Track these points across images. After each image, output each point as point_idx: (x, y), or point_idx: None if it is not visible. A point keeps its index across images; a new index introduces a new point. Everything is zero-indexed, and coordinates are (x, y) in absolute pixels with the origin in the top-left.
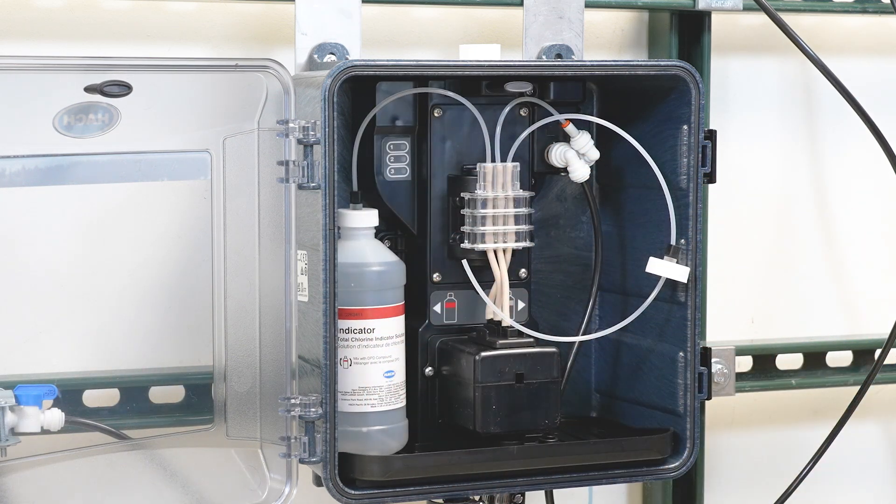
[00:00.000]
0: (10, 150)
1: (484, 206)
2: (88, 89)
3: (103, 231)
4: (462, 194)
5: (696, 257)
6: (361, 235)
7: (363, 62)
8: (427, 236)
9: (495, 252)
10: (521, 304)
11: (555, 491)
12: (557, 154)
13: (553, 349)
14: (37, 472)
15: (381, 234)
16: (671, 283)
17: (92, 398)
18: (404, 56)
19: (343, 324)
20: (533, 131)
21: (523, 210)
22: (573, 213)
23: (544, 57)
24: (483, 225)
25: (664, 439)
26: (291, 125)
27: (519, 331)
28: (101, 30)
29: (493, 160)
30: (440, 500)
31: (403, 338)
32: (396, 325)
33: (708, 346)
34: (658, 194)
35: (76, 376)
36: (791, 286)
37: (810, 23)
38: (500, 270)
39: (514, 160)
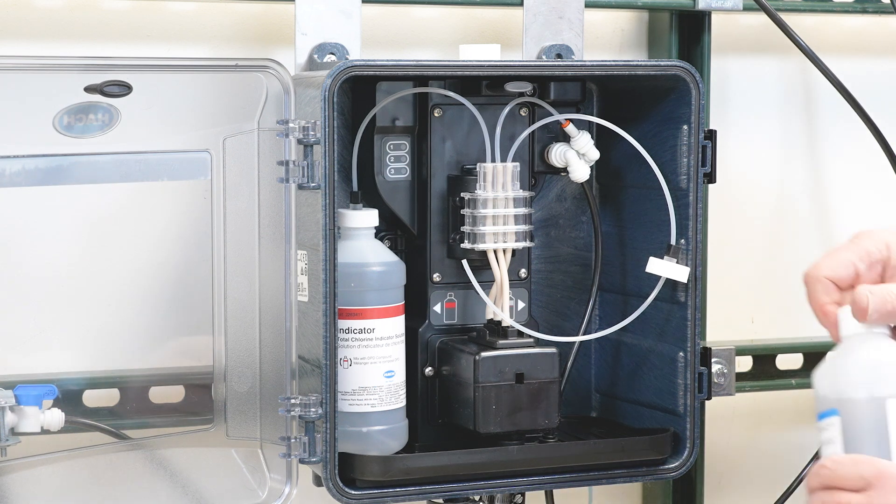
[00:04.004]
0: (10, 150)
1: (484, 206)
2: (88, 89)
3: (103, 231)
4: (462, 194)
5: (696, 257)
6: (361, 235)
7: (363, 62)
8: (427, 236)
9: (495, 252)
10: (521, 304)
11: (555, 491)
12: (557, 154)
13: (553, 349)
14: (37, 472)
15: (381, 234)
16: (671, 283)
17: (92, 398)
18: (404, 56)
19: (343, 324)
20: (533, 131)
21: (523, 210)
22: (573, 213)
23: (544, 57)
24: (483, 225)
25: (664, 439)
26: (291, 125)
27: (519, 331)
28: (101, 30)
29: (493, 160)
30: (440, 500)
31: (403, 338)
32: (396, 325)
33: (708, 346)
34: (658, 194)
35: (76, 376)
36: (791, 286)
37: (810, 23)
38: (500, 270)
39: (514, 160)
